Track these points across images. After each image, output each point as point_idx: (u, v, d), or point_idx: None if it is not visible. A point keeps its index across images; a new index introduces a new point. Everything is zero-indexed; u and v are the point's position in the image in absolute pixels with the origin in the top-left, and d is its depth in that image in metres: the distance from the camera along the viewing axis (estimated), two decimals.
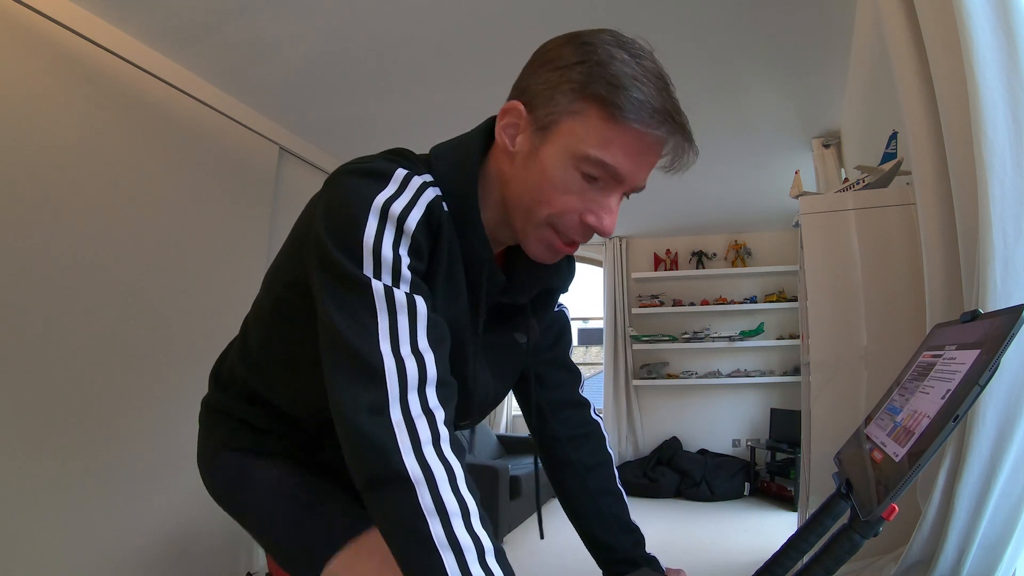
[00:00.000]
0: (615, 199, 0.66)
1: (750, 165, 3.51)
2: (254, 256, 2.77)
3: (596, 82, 0.61)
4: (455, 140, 0.73)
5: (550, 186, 0.65)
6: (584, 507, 0.93)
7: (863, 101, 2.22)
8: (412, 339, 0.59)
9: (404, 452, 0.55)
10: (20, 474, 1.76)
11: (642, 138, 0.62)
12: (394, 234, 0.60)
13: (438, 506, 0.54)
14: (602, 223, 0.65)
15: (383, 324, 0.58)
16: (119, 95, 2.15)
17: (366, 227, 0.59)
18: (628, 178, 0.64)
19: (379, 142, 3.20)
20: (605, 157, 0.62)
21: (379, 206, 0.60)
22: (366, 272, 0.59)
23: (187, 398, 2.27)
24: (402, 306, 0.59)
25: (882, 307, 1.48)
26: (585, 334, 14.50)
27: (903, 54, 1.06)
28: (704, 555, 2.96)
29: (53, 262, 1.90)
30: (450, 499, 0.55)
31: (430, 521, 0.53)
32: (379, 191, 0.61)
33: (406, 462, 0.54)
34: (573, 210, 0.65)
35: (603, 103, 0.61)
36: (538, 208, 0.66)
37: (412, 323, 0.59)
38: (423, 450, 0.55)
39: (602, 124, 0.62)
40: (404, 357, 0.58)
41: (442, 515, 0.54)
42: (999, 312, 0.65)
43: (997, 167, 0.78)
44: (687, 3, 1.97)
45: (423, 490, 0.54)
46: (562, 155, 0.64)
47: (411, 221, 0.61)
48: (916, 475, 0.59)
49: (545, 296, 0.87)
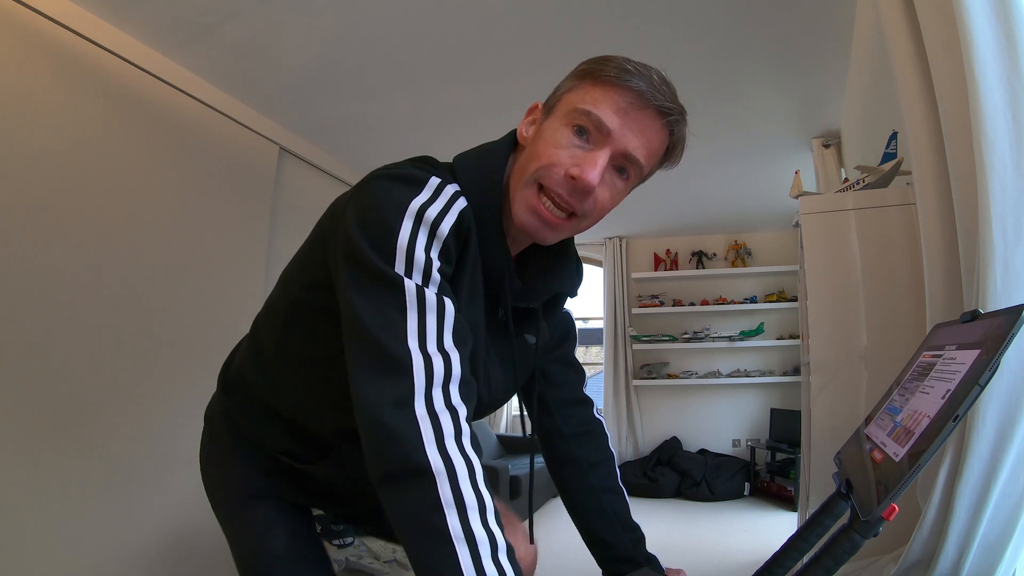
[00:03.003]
0: (601, 156, 0.69)
1: (750, 165, 3.51)
2: (254, 256, 2.76)
3: (591, 64, 0.71)
4: (480, 150, 0.77)
5: (543, 144, 0.70)
6: (586, 503, 0.95)
7: (863, 101, 2.22)
8: (439, 337, 0.60)
9: (427, 445, 0.56)
10: (20, 474, 1.76)
11: (623, 93, 0.68)
12: (427, 238, 0.62)
13: (457, 499, 0.54)
14: (583, 172, 0.68)
15: (412, 321, 0.60)
16: (119, 95, 2.15)
17: (401, 229, 0.61)
18: (614, 132, 0.68)
19: (379, 142, 3.21)
20: (590, 107, 0.68)
21: (415, 210, 0.62)
22: (398, 271, 0.60)
23: (187, 398, 2.28)
24: (431, 305, 0.61)
25: (882, 307, 1.48)
26: (585, 334, 14.44)
27: (903, 54, 1.06)
28: (704, 555, 2.96)
29: (52, 262, 1.89)
30: (469, 493, 0.55)
31: (447, 513, 0.54)
32: (414, 196, 0.63)
33: (428, 455, 0.55)
34: (560, 163, 0.69)
35: (593, 73, 0.70)
36: (530, 164, 0.71)
37: (440, 322, 0.61)
38: (445, 444, 0.56)
39: (590, 87, 0.70)
40: (431, 354, 0.59)
41: (460, 508, 0.54)
42: (999, 312, 0.65)
43: (997, 167, 0.78)
44: (687, 3, 1.97)
45: (443, 482, 0.55)
46: (558, 119, 0.71)
47: (444, 226, 0.63)
48: (916, 475, 0.59)
49: (554, 299, 0.89)
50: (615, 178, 0.71)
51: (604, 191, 0.71)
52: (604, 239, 5.21)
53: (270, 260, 2.83)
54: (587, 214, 0.72)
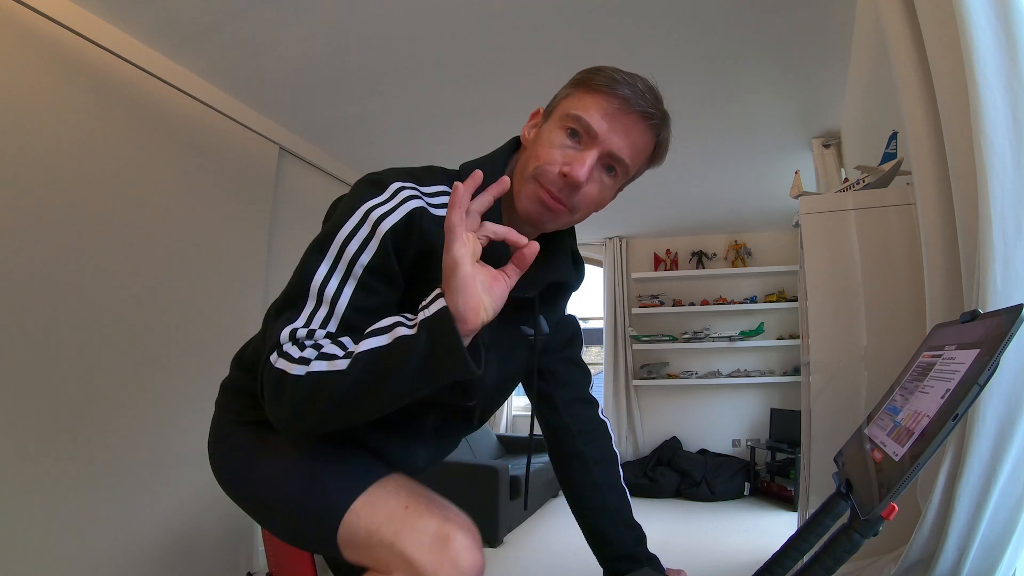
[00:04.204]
0: (590, 156, 0.77)
1: (750, 165, 3.51)
2: (254, 256, 2.77)
3: (585, 74, 0.81)
4: (485, 155, 0.86)
5: (540, 145, 0.79)
6: (589, 500, 0.97)
7: (863, 101, 2.22)
8: (314, 323, 0.70)
9: (273, 360, 0.67)
10: (21, 474, 1.76)
11: (610, 100, 0.77)
12: (367, 232, 0.72)
13: (305, 363, 0.66)
14: (573, 169, 0.76)
15: (307, 310, 0.71)
16: (119, 95, 2.15)
17: (346, 222, 0.72)
18: (600, 134, 0.77)
19: (379, 142, 3.21)
20: (581, 113, 0.77)
21: (365, 210, 0.73)
22: (321, 265, 0.72)
23: (188, 397, 2.29)
24: (327, 299, 0.71)
25: (882, 307, 1.48)
26: (585, 334, 14.40)
27: (903, 54, 1.06)
28: (704, 555, 2.96)
29: (52, 262, 1.89)
30: (308, 353, 0.67)
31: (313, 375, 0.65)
32: (372, 198, 0.74)
33: (273, 363, 0.67)
34: (554, 162, 0.77)
35: (585, 82, 0.79)
36: (529, 163, 0.80)
37: (328, 316, 0.71)
38: (282, 349, 0.68)
39: (582, 94, 0.79)
40: (298, 328, 0.69)
41: (304, 363, 0.66)
42: (999, 312, 0.65)
43: (997, 167, 0.78)
44: (687, 3, 1.97)
45: (292, 367, 0.66)
46: (554, 122, 0.80)
47: (385, 224, 0.72)
48: (916, 474, 0.60)
49: (553, 291, 0.91)
50: (603, 175, 0.80)
51: (593, 187, 0.79)
52: (604, 239, 5.21)
53: (270, 260, 2.84)
54: (577, 207, 0.80)
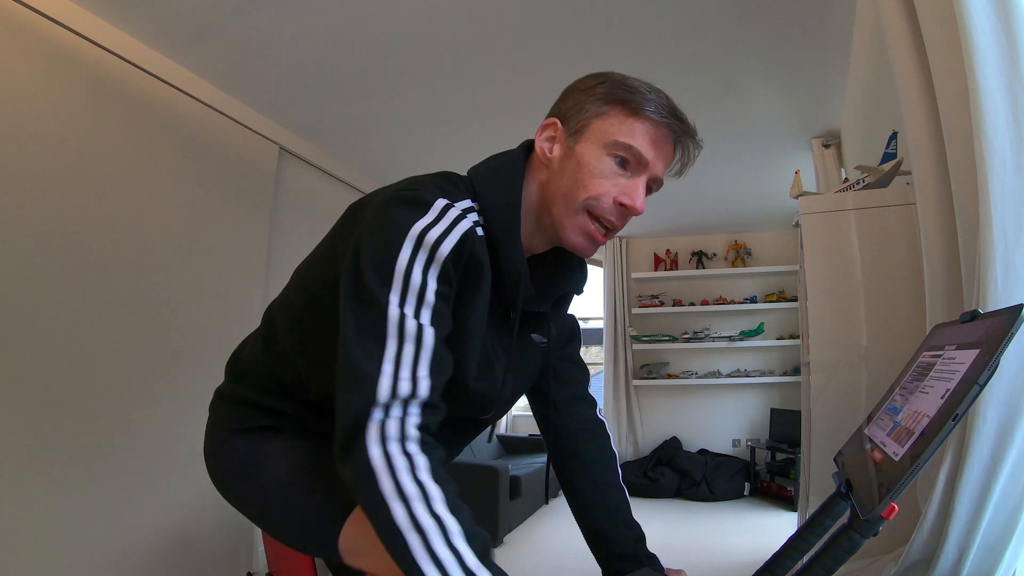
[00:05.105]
0: (641, 183, 0.78)
1: (750, 165, 3.51)
2: (254, 256, 2.76)
3: (617, 91, 0.77)
4: (495, 163, 0.82)
5: (587, 173, 0.76)
6: (589, 499, 0.97)
7: (863, 101, 2.22)
8: (414, 366, 0.65)
9: (370, 442, 0.61)
10: (21, 474, 1.76)
11: (658, 128, 0.76)
12: (426, 260, 0.66)
13: (399, 491, 0.59)
14: (635, 202, 0.77)
15: (390, 350, 0.64)
16: (119, 95, 2.15)
17: (400, 252, 0.66)
18: (651, 163, 0.77)
19: (379, 142, 3.21)
20: (631, 141, 0.75)
21: (416, 234, 0.66)
22: (392, 297, 0.65)
23: (188, 397, 2.28)
24: (411, 335, 0.65)
25: (882, 307, 1.48)
26: (585, 334, 14.34)
27: (903, 54, 1.06)
28: (704, 555, 2.96)
29: (52, 262, 1.89)
30: (409, 486, 0.60)
31: (392, 505, 0.59)
32: (418, 219, 0.67)
33: (370, 451, 0.61)
34: (607, 193, 0.76)
35: (625, 103, 0.76)
36: (577, 193, 0.77)
37: (416, 353, 0.65)
38: (387, 445, 0.61)
39: (626, 118, 0.76)
40: (401, 379, 0.64)
41: (403, 500, 0.59)
42: (999, 312, 0.65)
43: (997, 167, 0.78)
44: (687, 3, 1.97)
45: (384, 477, 0.59)
46: (595, 147, 0.76)
47: (444, 248, 0.67)
48: (916, 474, 0.59)
49: (560, 299, 0.94)
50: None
51: None
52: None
53: (270, 260, 2.83)
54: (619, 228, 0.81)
